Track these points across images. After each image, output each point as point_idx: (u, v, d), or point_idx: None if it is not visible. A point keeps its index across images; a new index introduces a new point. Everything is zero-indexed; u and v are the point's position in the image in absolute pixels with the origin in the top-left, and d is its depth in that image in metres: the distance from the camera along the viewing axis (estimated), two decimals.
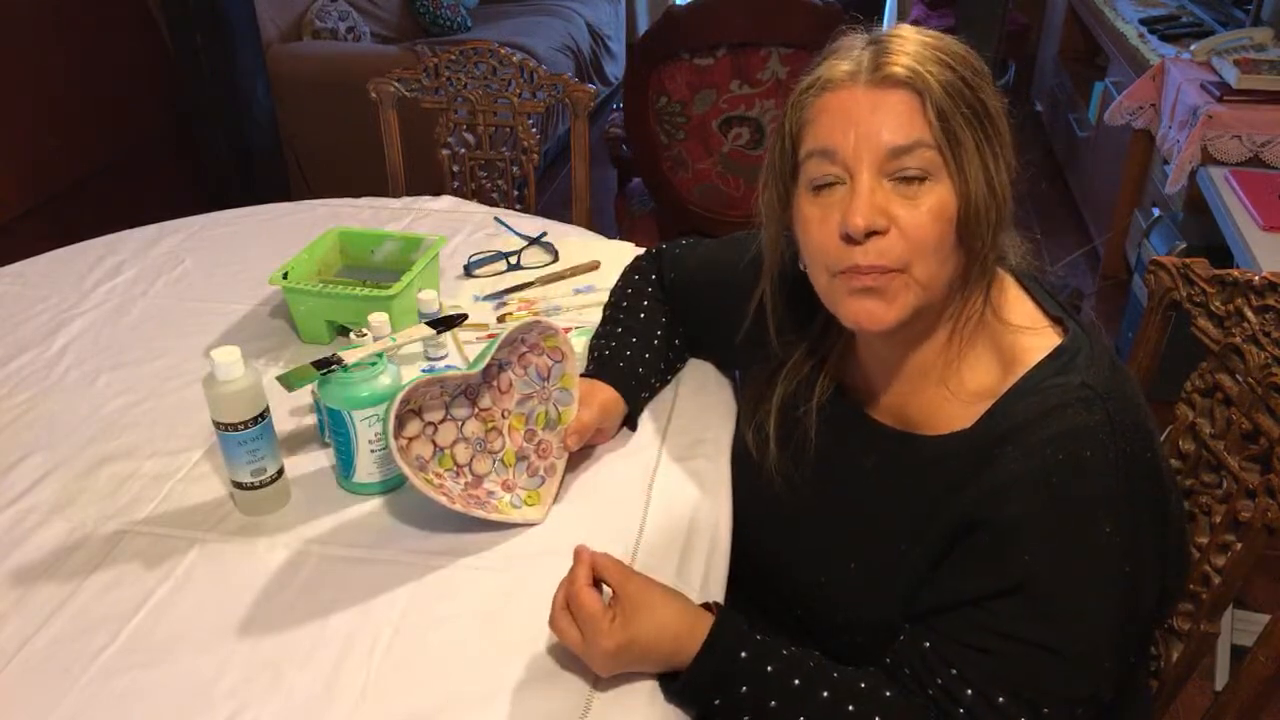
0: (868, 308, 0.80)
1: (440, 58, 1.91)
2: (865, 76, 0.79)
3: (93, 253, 1.54)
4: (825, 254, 0.81)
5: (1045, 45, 4.23)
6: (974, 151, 0.78)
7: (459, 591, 0.90)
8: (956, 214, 0.78)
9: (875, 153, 0.78)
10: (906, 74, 0.77)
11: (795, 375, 0.96)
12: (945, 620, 0.78)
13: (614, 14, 4.73)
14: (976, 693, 0.74)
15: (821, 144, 0.80)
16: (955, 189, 0.78)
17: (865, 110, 0.78)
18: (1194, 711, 1.56)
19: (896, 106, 0.78)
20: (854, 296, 0.80)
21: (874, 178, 0.78)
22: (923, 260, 0.78)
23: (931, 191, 0.78)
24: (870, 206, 0.77)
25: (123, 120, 3.11)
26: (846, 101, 0.79)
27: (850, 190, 0.79)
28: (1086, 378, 0.77)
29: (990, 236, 0.80)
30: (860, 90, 0.79)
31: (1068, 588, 0.74)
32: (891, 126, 0.78)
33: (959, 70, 0.79)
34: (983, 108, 0.79)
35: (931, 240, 0.78)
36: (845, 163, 0.79)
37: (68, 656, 0.84)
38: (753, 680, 0.79)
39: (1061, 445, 0.74)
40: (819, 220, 0.81)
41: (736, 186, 2.26)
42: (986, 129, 0.79)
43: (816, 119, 0.81)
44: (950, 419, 0.84)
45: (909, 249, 0.78)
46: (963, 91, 0.78)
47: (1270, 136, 2.18)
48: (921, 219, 0.78)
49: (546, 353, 1.03)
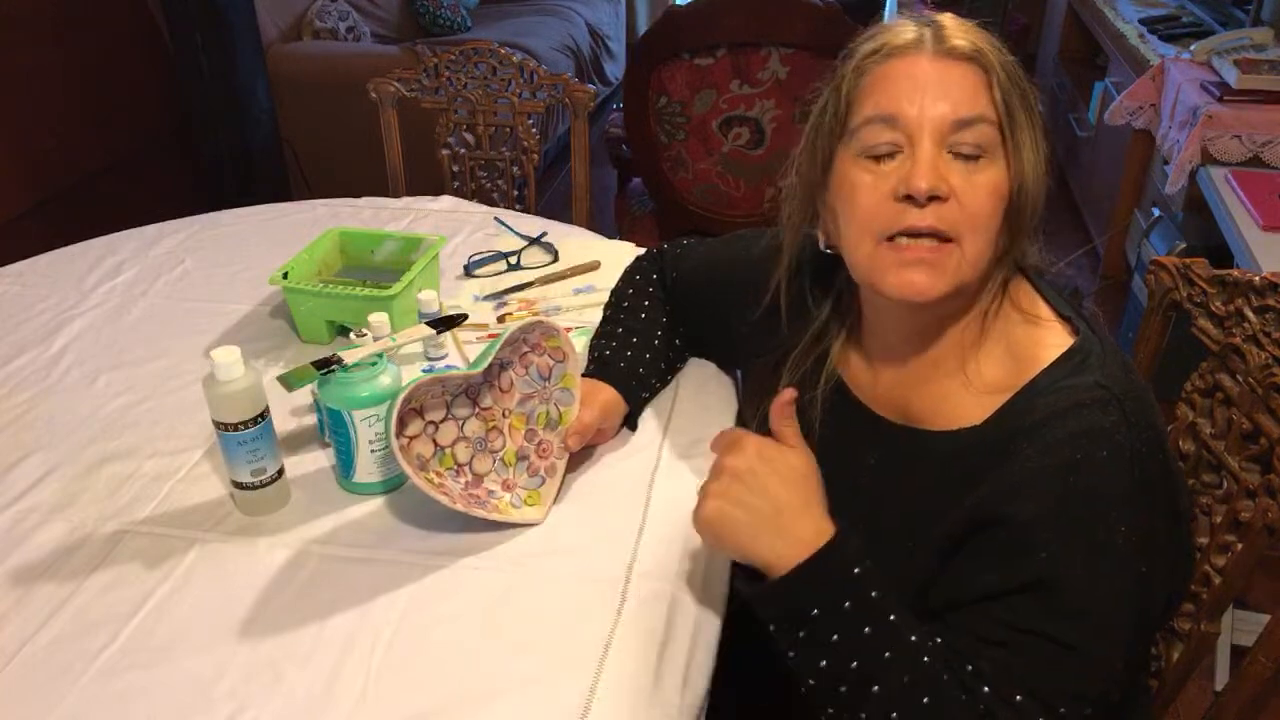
0: (914, 278, 0.79)
1: (440, 58, 1.91)
2: (931, 47, 0.79)
3: (93, 253, 1.54)
4: (875, 218, 0.80)
5: (1045, 45, 4.23)
6: (1027, 133, 0.79)
7: (459, 591, 0.90)
8: (1009, 194, 0.79)
9: (939, 122, 0.78)
10: (971, 49, 0.78)
11: (800, 365, 0.96)
12: (961, 617, 0.78)
13: (614, 14, 4.73)
14: (993, 690, 0.74)
15: (884, 110, 0.79)
16: (1009, 169, 0.78)
17: (932, 79, 0.78)
18: (1194, 711, 1.56)
19: (962, 80, 0.78)
20: (903, 267, 0.79)
21: (936, 147, 0.78)
22: (974, 235, 0.78)
23: (988, 169, 0.78)
24: (934, 170, 0.77)
25: (123, 120, 3.11)
26: (912, 69, 0.79)
27: (910, 157, 0.78)
28: (1101, 378, 0.77)
29: (1032, 222, 0.81)
30: (926, 59, 0.79)
31: (1084, 586, 0.73)
32: (956, 98, 0.78)
33: (1007, 54, 0.80)
34: (1029, 94, 0.80)
35: (986, 214, 0.78)
36: (907, 129, 0.78)
37: (68, 656, 0.84)
38: (857, 598, 0.76)
39: (1079, 445, 0.74)
40: (869, 186, 0.80)
41: (736, 186, 2.26)
42: (1033, 115, 0.80)
43: (878, 84, 0.80)
44: (958, 413, 0.84)
45: (965, 220, 0.78)
46: (1017, 75, 0.79)
47: (1270, 136, 2.18)
48: (980, 193, 0.78)
49: (548, 353, 1.03)
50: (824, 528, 0.78)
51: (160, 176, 3.22)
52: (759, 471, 0.79)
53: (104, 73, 3.02)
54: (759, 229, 1.10)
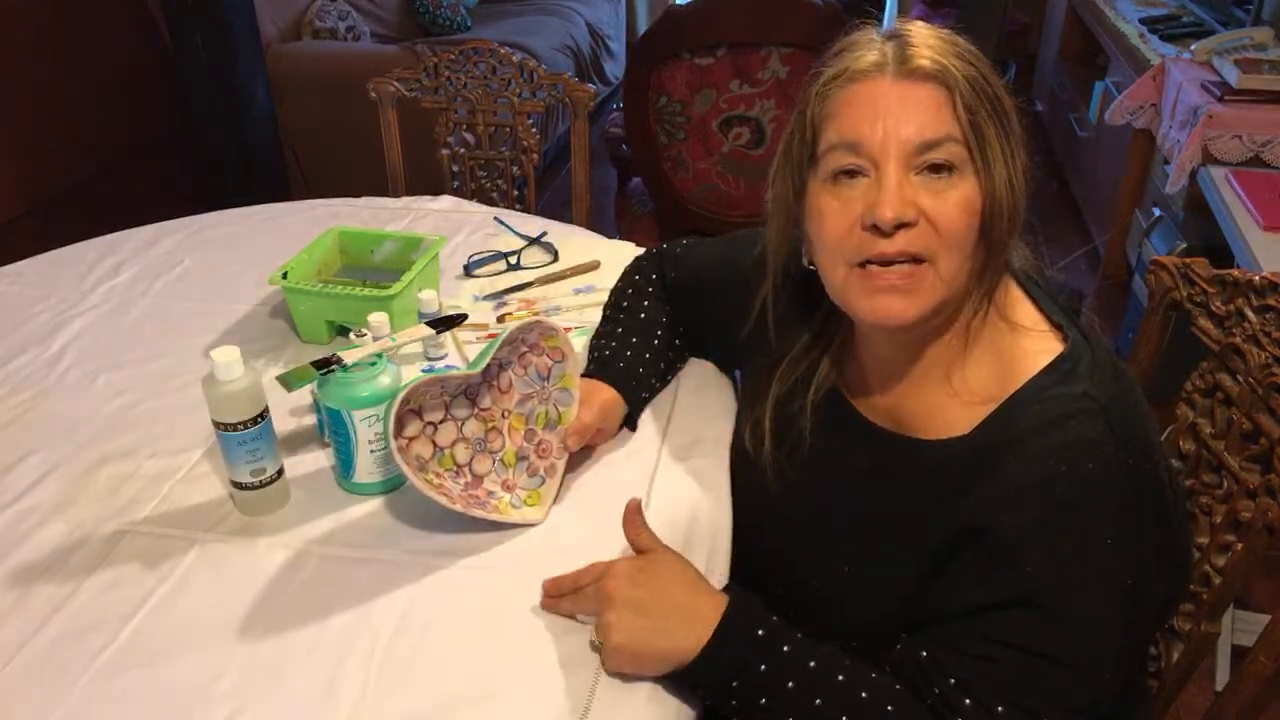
0: (888, 304, 0.79)
1: (440, 57, 1.91)
2: (893, 68, 0.78)
3: (93, 253, 1.54)
4: (843, 245, 0.80)
5: (1045, 45, 4.23)
6: (997, 147, 0.78)
7: (459, 591, 0.90)
8: (981, 209, 0.78)
9: (903, 146, 0.77)
10: (934, 67, 0.77)
11: (792, 372, 0.96)
12: (944, 629, 0.78)
13: (614, 14, 4.73)
14: (975, 702, 0.74)
15: (846, 136, 0.79)
16: (980, 184, 0.78)
17: (893, 102, 0.77)
18: (1194, 711, 1.56)
19: (925, 100, 0.77)
20: (876, 294, 0.79)
21: (902, 171, 0.77)
22: (949, 254, 0.78)
23: (958, 185, 0.77)
24: (900, 198, 0.76)
25: (123, 120, 3.11)
26: (874, 93, 0.78)
27: (876, 183, 0.78)
28: (1089, 387, 0.76)
29: (1009, 234, 0.80)
30: (888, 82, 0.78)
31: (1069, 599, 0.73)
32: (921, 120, 0.77)
33: (978, 66, 0.79)
34: (1000, 104, 0.79)
35: (960, 232, 0.77)
36: (871, 155, 0.78)
37: (67, 656, 0.84)
38: (770, 659, 0.78)
39: (1064, 456, 0.74)
40: (838, 211, 0.80)
41: (736, 186, 2.26)
42: (1005, 125, 0.79)
43: (841, 111, 0.80)
44: (947, 423, 0.84)
45: (937, 241, 0.77)
46: (985, 87, 0.78)
47: (1271, 136, 2.18)
48: (950, 211, 0.77)
49: (547, 353, 1.03)
50: (719, 602, 0.81)
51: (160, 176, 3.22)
52: (640, 583, 0.82)
53: (104, 73, 3.02)
54: (760, 229, 1.10)
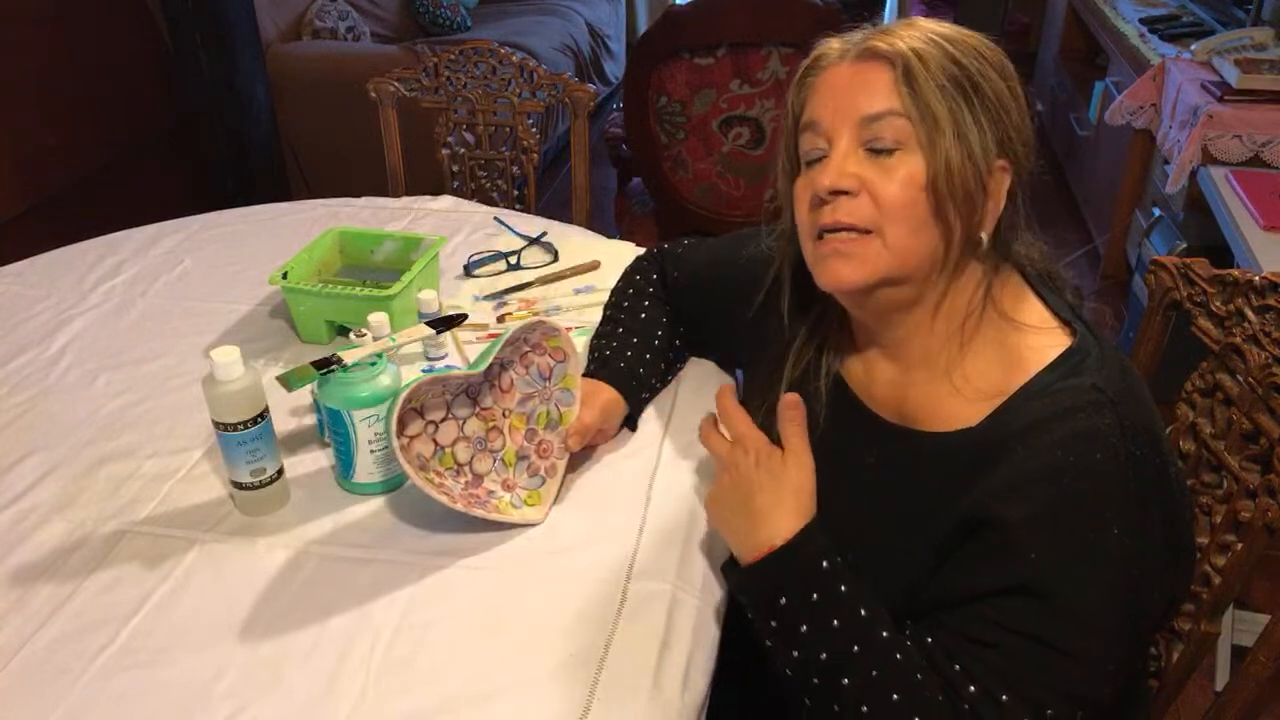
0: (835, 268, 0.83)
1: (440, 57, 1.91)
2: (852, 54, 0.84)
3: (93, 253, 1.54)
4: (805, 220, 0.85)
5: (1045, 45, 4.23)
6: (949, 124, 0.79)
7: (459, 591, 0.90)
8: (926, 185, 0.80)
9: (849, 120, 0.82)
10: (887, 49, 0.81)
11: (801, 360, 0.97)
12: (950, 616, 0.78)
13: (614, 14, 4.73)
14: (979, 689, 0.74)
15: (810, 117, 0.85)
16: (926, 159, 0.80)
17: (845, 82, 0.83)
18: (1194, 711, 1.56)
19: (871, 77, 0.82)
20: (826, 259, 0.83)
21: (850, 145, 0.82)
22: (893, 225, 0.81)
23: (904, 161, 0.80)
24: (838, 169, 0.81)
25: (123, 120, 3.11)
26: (832, 77, 0.84)
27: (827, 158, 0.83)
28: (1097, 380, 0.77)
29: (966, 213, 0.81)
30: (845, 65, 0.84)
31: (1075, 588, 0.74)
32: (866, 96, 0.81)
33: (950, 49, 0.81)
34: (971, 84, 0.80)
35: (900, 204, 0.80)
36: (827, 133, 0.83)
37: (67, 656, 0.84)
38: (825, 592, 0.80)
39: (1072, 447, 0.74)
40: (802, 189, 0.86)
41: (736, 186, 2.26)
42: (972, 105, 0.80)
43: (809, 96, 0.86)
44: (954, 416, 0.84)
45: (878, 212, 0.81)
46: (945, 66, 0.80)
47: (1271, 136, 2.18)
48: (893, 184, 0.80)
49: (549, 353, 1.03)
50: (799, 523, 0.83)
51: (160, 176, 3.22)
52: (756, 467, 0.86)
53: (104, 73, 3.02)
54: (760, 227, 1.10)
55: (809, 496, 0.85)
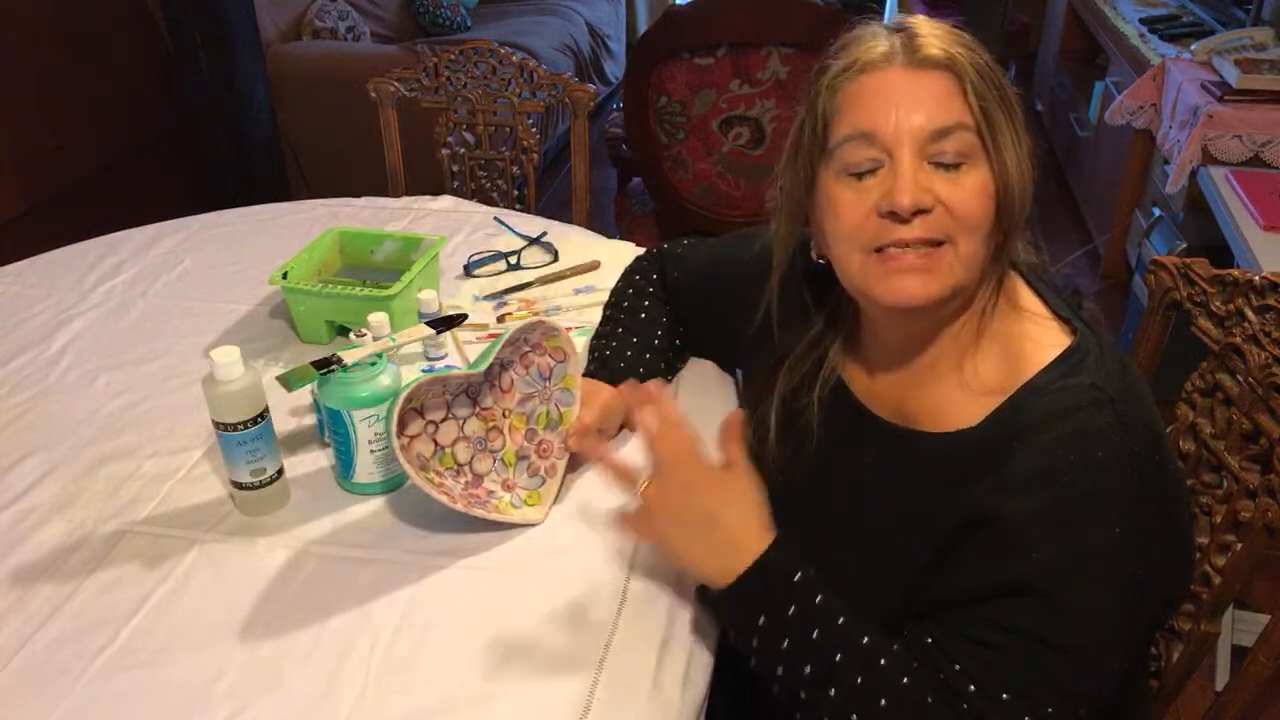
0: (907, 284, 0.79)
1: (440, 57, 1.91)
2: (902, 58, 0.79)
3: (93, 253, 1.54)
4: (860, 232, 0.80)
5: (1045, 45, 4.23)
6: (1007, 134, 0.79)
7: (459, 591, 0.90)
8: (994, 194, 0.79)
9: (916, 134, 0.78)
10: (943, 56, 0.78)
11: (799, 367, 0.96)
12: (949, 615, 0.78)
13: (614, 14, 4.73)
14: (979, 689, 0.74)
15: (860, 127, 0.79)
16: (993, 171, 0.79)
17: (904, 91, 0.78)
18: (1194, 711, 1.56)
19: (936, 88, 0.78)
20: (895, 274, 0.80)
21: (916, 159, 0.78)
22: (968, 236, 0.78)
23: (971, 173, 0.78)
24: (915, 185, 0.77)
25: (123, 120, 3.11)
26: (885, 83, 0.79)
27: (891, 171, 0.78)
28: (1097, 379, 0.77)
29: (1023, 218, 0.81)
30: (897, 71, 0.79)
31: (1075, 587, 0.73)
32: (932, 108, 0.78)
33: (982, 55, 0.80)
34: (1005, 92, 0.80)
35: (978, 215, 0.78)
36: (885, 145, 0.78)
37: (67, 656, 0.84)
38: (800, 604, 0.79)
39: (1073, 446, 0.74)
40: (852, 201, 0.80)
41: (736, 186, 2.26)
42: (1011, 113, 0.80)
43: (853, 101, 0.80)
44: (955, 415, 0.84)
45: (955, 225, 0.78)
46: (991, 75, 0.79)
47: (1271, 136, 2.18)
48: (967, 195, 0.78)
49: (549, 353, 1.03)
50: (765, 540, 0.81)
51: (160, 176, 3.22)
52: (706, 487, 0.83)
53: (104, 73, 3.02)
54: (760, 227, 1.10)
55: (766, 511, 0.83)
